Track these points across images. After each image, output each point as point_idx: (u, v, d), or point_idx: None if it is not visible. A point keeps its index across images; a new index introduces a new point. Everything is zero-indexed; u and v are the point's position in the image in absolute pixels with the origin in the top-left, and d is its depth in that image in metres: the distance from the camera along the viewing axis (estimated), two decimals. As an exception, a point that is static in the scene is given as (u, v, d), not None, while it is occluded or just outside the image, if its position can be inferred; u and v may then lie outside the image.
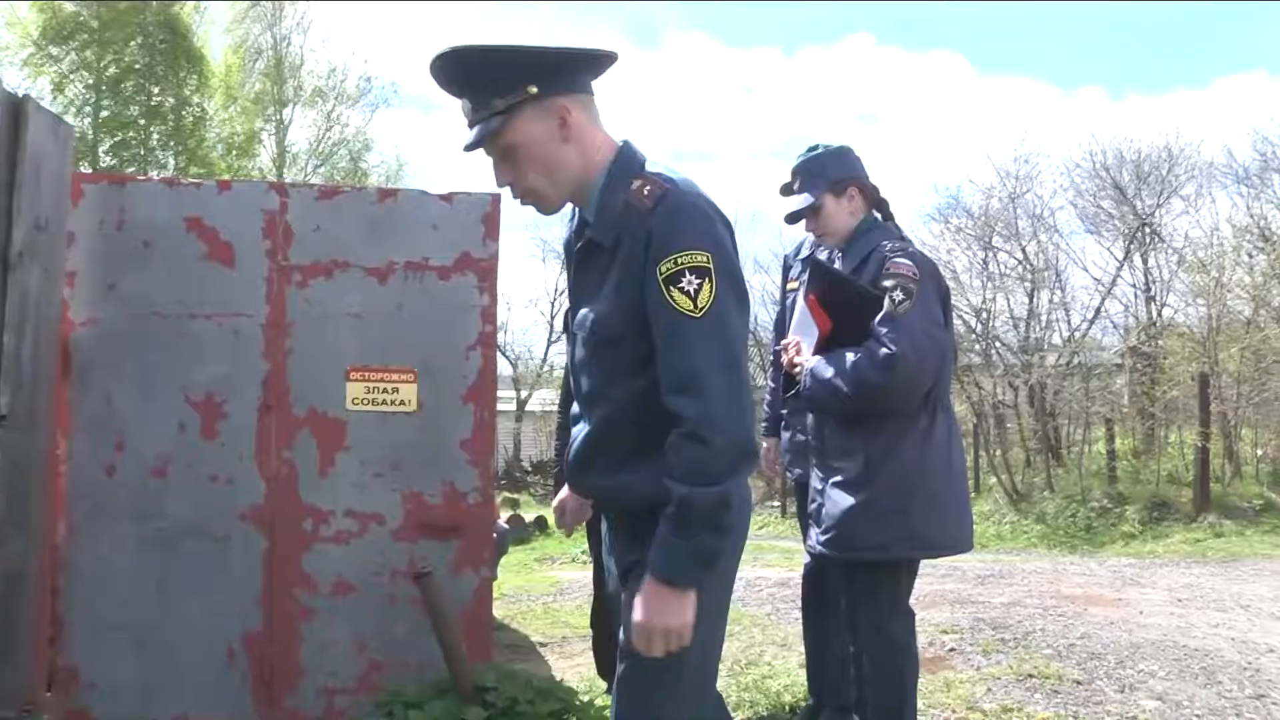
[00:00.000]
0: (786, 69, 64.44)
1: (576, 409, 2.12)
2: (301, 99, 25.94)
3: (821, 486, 3.13)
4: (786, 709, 4.12)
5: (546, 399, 28.54)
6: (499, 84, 1.89)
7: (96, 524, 3.57)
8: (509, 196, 2.04)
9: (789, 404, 3.74)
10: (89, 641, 3.55)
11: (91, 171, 17.81)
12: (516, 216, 50.00)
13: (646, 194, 1.90)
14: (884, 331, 2.92)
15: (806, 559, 3.71)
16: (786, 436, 3.91)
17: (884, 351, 2.90)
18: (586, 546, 4.88)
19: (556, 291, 32.12)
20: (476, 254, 3.75)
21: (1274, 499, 11.17)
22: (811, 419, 3.23)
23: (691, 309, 1.83)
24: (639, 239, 1.88)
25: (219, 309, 3.65)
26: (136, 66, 22.21)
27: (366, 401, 3.68)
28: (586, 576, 6.10)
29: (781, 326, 3.98)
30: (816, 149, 3.36)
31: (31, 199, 3.11)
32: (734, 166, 57.94)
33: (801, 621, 3.97)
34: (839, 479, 3.05)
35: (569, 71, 1.94)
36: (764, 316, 19.42)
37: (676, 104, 60.34)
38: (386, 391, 3.68)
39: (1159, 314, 15.05)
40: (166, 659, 3.57)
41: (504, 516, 11.72)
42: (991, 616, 5.82)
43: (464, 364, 3.73)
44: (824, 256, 3.44)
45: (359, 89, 26.51)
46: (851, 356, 2.96)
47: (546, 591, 8.31)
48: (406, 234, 3.72)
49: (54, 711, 3.39)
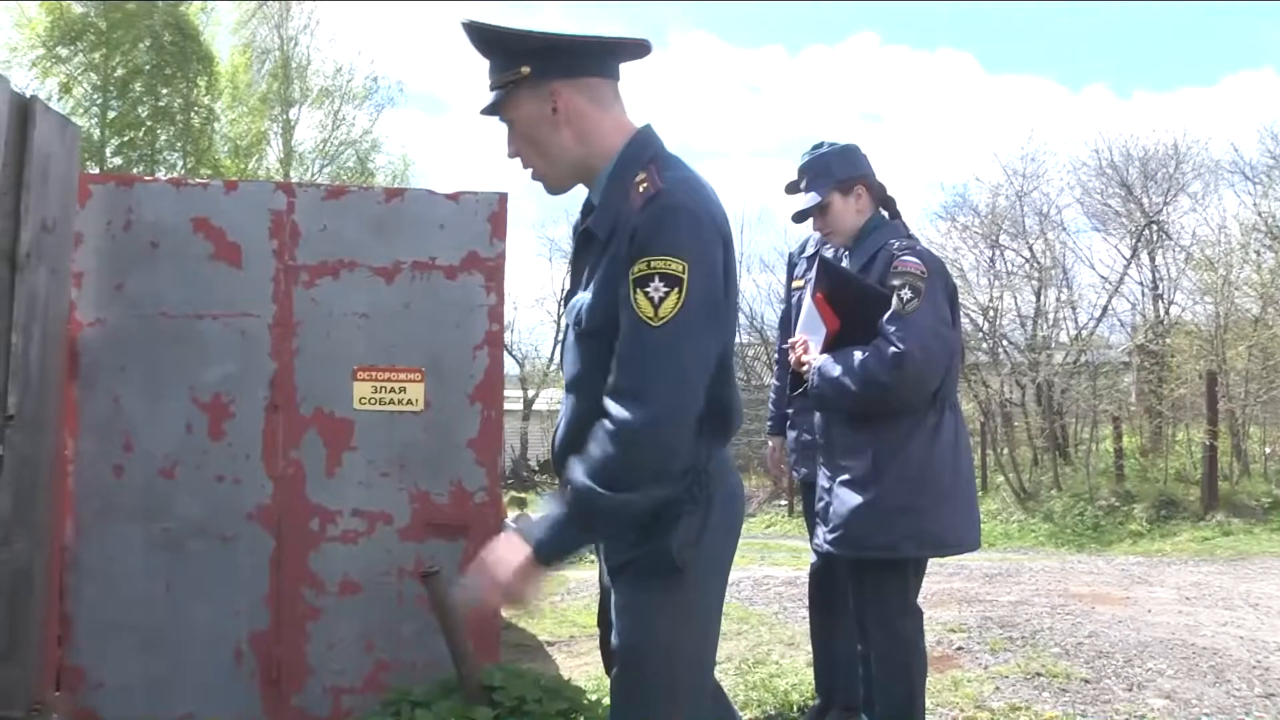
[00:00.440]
0: (791, 68, 64.40)
1: (563, 396, 2.10)
2: (308, 99, 25.97)
3: (829, 485, 3.12)
4: (794, 708, 4.11)
5: (553, 398, 28.52)
6: (499, 60, 1.94)
7: (104, 524, 3.58)
8: (543, 190, 2.03)
9: (795, 403, 3.73)
10: (97, 641, 3.56)
11: (99, 172, 17.86)
12: (523, 215, 49.98)
13: (642, 190, 1.85)
14: (892, 330, 2.92)
15: (813, 558, 3.70)
16: (792, 436, 3.89)
17: (892, 350, 2.89)
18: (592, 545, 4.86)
19: (563, 291, 32.12)
20: (483, 253, 3.75)
21: (1282, 497, 11.13)
22: (819, 417, 3.22)
23: (651, 316, 1.77)
24: (626, 236, 1.83)
25: (226, 309, 3.66)
26: (145, 68, 22.25)
27: (373, 401, 3.68)
28: (594, 575, 6.06)
29: (787, 325, 3.97)
30: (821, 147, 3.35)
31: (39, 200, 3.12)
32: (740, 165, 57.93)
33: (809, 620, 3.97)
34: (846, 477, 3.05)
35: (565, 56, 1.91)
36: (770, 315, 19.42)
37: (683, 103, 60.28)
38: (393, 391, 3.68)
39: (1166, 312, 14.99)
40: (174, 659, 3.57)
41: (511, 515, 11.71)
42: (999, 615, 5.80)
43: (471, 363, 3.73)
44: (831, 255, 3.43)
45: (365, 89, 26.54)
46: (859, 355, 2.95)
47: (553, 590, 8.31)
48: (413, 233, 3.72)
49: (62, 711, 3.40)
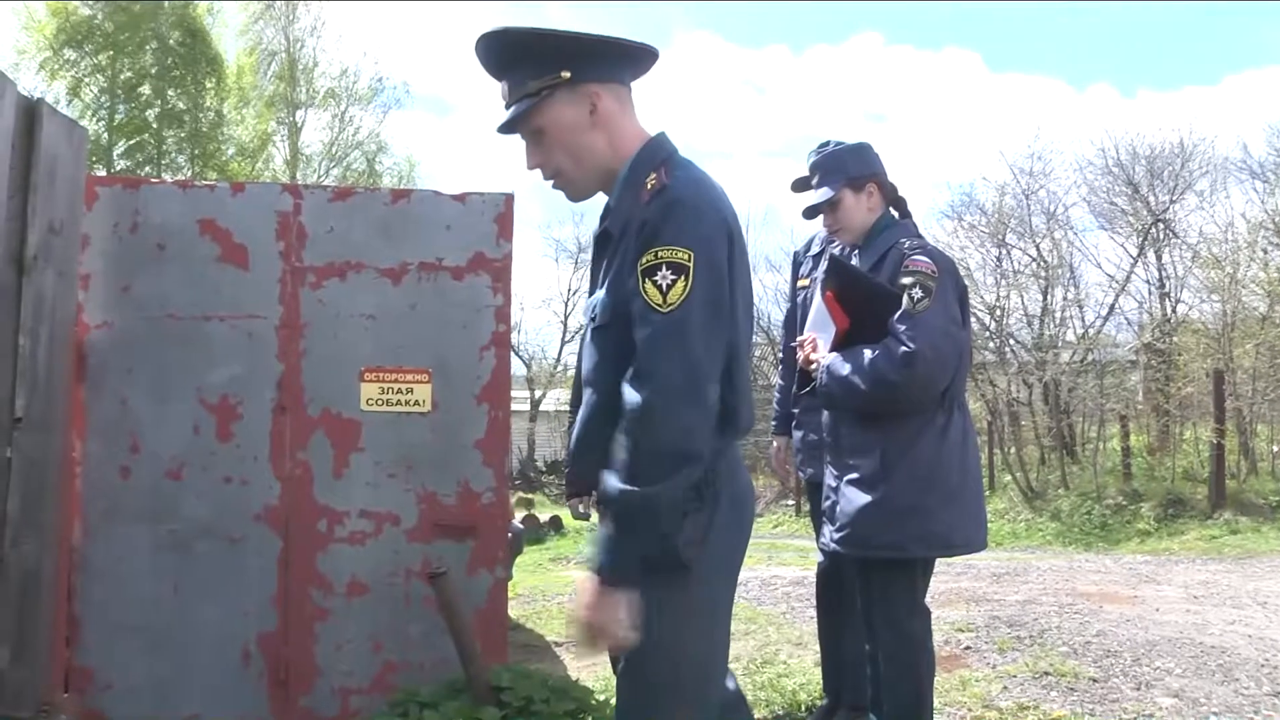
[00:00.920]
0: (796, 68, 64.38)
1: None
2: (315, 101, 26.00)
3: (836, 484, 3.12)
4: (802, 708, 4.11)
5: (560, 399, 28.54)
6: (534, 66, 1.94)
7: (112, 526, 3.59)
8: (549, 191, 2.06)
9: (802, 402, 3.72)
10: (105, 642, 3.56)
11: (106, 174, 17.90)
12: (529, 216, 50.00)
13: (650, 186, 1.92)
14: (903, 329, 2.91)
15: (820, 558, 3.70)
16: (798, 436, 3.88)
17: (903, 349, 2.88)
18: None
19: (570, 291, 32.18)
20: (490, 254, 3.75)
21: (1290, 495, 11.10)
22: (827, 416, 3.21)
23: (659, 303, 1.82)
24: (635, 230, 1.90)
25: (233, 311, 3.66)
26: (152, 70, 22.31)
27: (380, 402, 3.68)
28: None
29: (792, 324, 3.96)
30: (828, 145, 3.35)
31: (46, 202, 3.12)
32: (746, 165, 57.89)
33: (816, 620, 3.96)
34: (854, 476, 3.04)
35: (603, 60, 1.97)
36: (775, 315, 19.41)
37: (688, 104, 60.27)
38: (400, 392, 3.69)
39: (1173, 310, 14.97)
40: (182, 660, 3.58)
41: (519, 516, 11.73)
42: (1007, 614, 5.80)
43: (478, 364, 3.73)
44: (840, 253, 3.42)
45: (371, 90, 26.59)
46: (869, 354, 2.95)
47: (561, 591, 8.31)
48: (420, 234, 3.73)
49: (70, 712, 3.41)
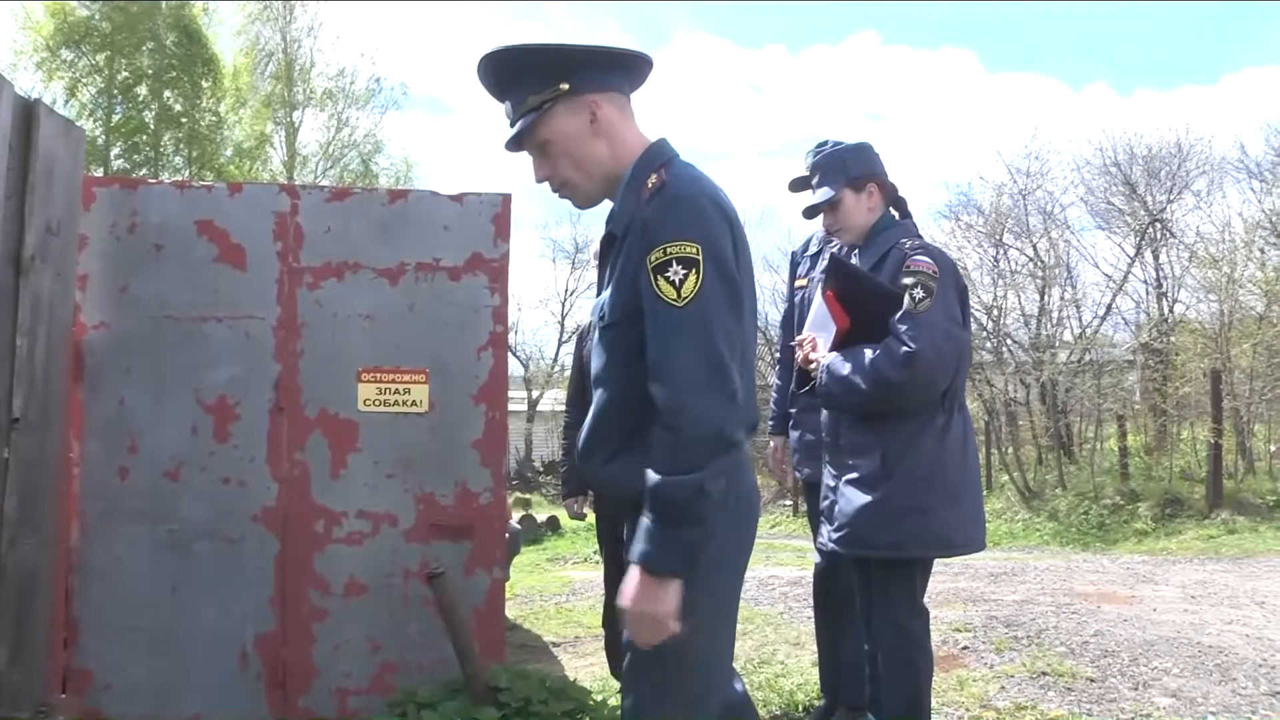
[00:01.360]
0: (794, 68, 64.46)
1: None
2: (312, 102, 25.99)
3: (834, 484, 3.12)
4: (800, 708, 4.12)
5: (558, 399, 28.49)
6: (534, 82, 2.00)
7: (110, 526, 3.59)
8: (537, 198, 2.08)
9: (799, 402, 3.73)
10: (103, 643, 3.56)
11: (103, 175, 17.88)
12: (527, 216, 50.04)
13: (650, 185, 1.97)
14: (904, 329, 2.91)
15: (818, 558, 3.70)
16: (795, 436, 3.88)
17: (903, 349, 2.88)
18: (598, 546, 4.88)
19: (567, 292, 32.18)
20: (487, 254, 3.75)
21: (1288, 495, 11.10)
22: (826, 416, 3.21)
23: (674, 298, 1.86)
24: (637, 228, 1.95)
25: (230, 311, 3.66)
26: (149, 71, 22.30)
27: (378, 403, 3.68)
28: (599, 576, 6.10)
29: (790, 324, 3.96)
30: (827, 145, 3.35)
31: (43, 203, 3.12)
32: (744, 165, 57.97)
33: (814, 620, 3.97)
34: (854, 476, 3.04)
35: (599, 69, 2.02)
36: (773, 315, 19.38)
37: (686, 104, 60.36)
38: (398, 392, 3.69)
39: (1171, 310, 14.99)
40: (180, 660, 3.58)
41: (516, 517, 11.73)
42: (1005, 614, 5.80)
43: (475, 364, 3.73)
44: (841, 253, 3.42)
45: (368, 91, 26.58)
46: (870, 353, 2.95)
47: (559, 591, 8.32)
48: (417, 235, 3.73)
49: (68, 713, 3.40)
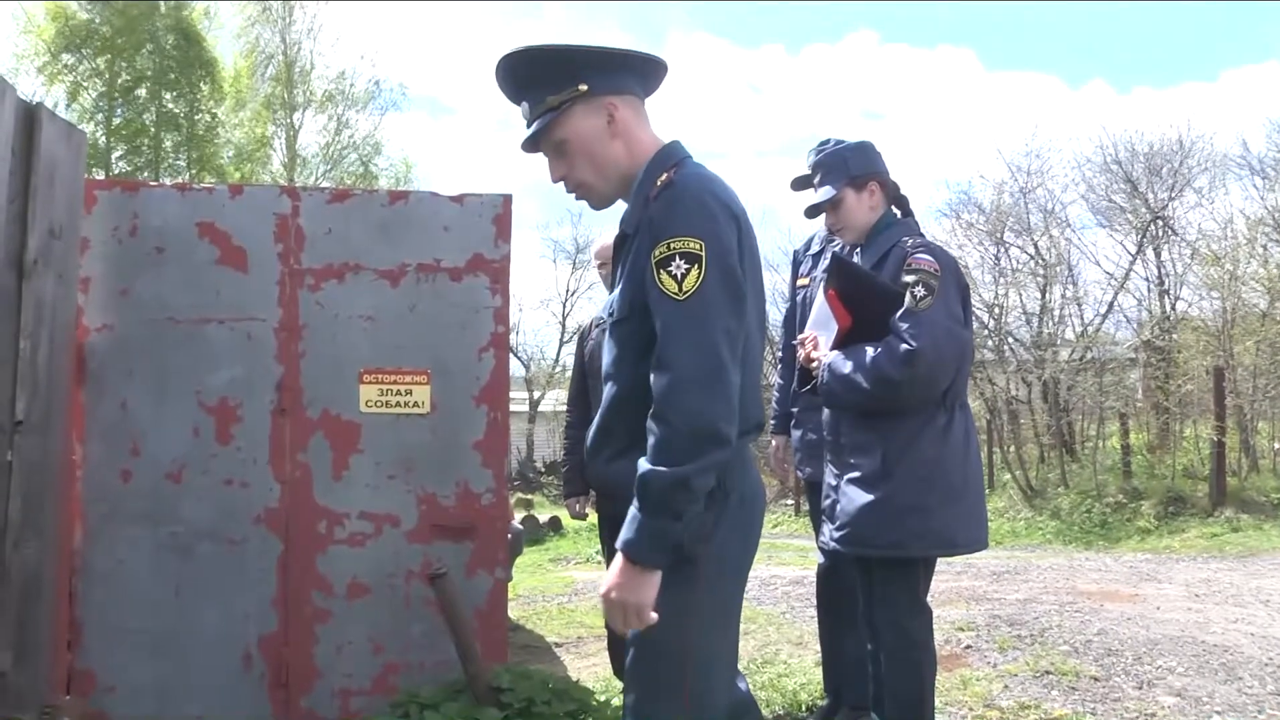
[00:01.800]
0: (792, 67, 64.51)
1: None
2: (312, 103, 25.99)
3: (836, 483, 3.12)
4: (803, 707, 4.12)
5: (559, 399, 28.48)
6: (552, 82, 2.03)
7: (112, 528, 3.59)
8: (547, 192, 2.11)
9: (801, 401, 3.72)
10: (106, 645, 3.56)
11: (105, 178, 17.90)
12: (527, 217, 50.06)
13: (659, 184, 2.00)
14: (905, 327, 2.91)
15: (820, 557, 3.69)
16: (797, 435, 3.88)
17: (904, 347, 2.88)
18: (600, 546, 4.88)
19: (568, 292, 32.20)
20: (488, 255, 3.75)
21: (1291, 493, 11.09)
22: (827, 414, 3.21)
23: (675, 292, 1.89)
24: (645, 225, 1.98)
25: (232, 313, 3.66)
26: (149, 73, 22.32)
27: (380, 404, 3.68)
28: (601, 576, 6.10)
29: (791, 323, 3.96)
30: (829, 143, 3.34)
31: (46, 206, 3.13)
32: (743, 165, 58.02)
33: (817, 619, 3.96)
34: (855, 475, 3.04)
35: (616, 71, 2.06)
36: (774, 314, 19.36)
37: (684, 104, 60.37)
38: (400, 394, 3.69)
39: (1173, 308, 14.98)
40: (183, 662, 3.58)
41: (518, 517, 11.73)
42: (1007, 613, 5.80)
43: (477, 365, 3.73)
44: (842, 252, 3.42)
45: (368, 92, 26.59)
46: (871, 351, 2.95)
47: (561, 592, 8.33)
48: (418, 236, 3.73)
49: (73, 714, 3.40)
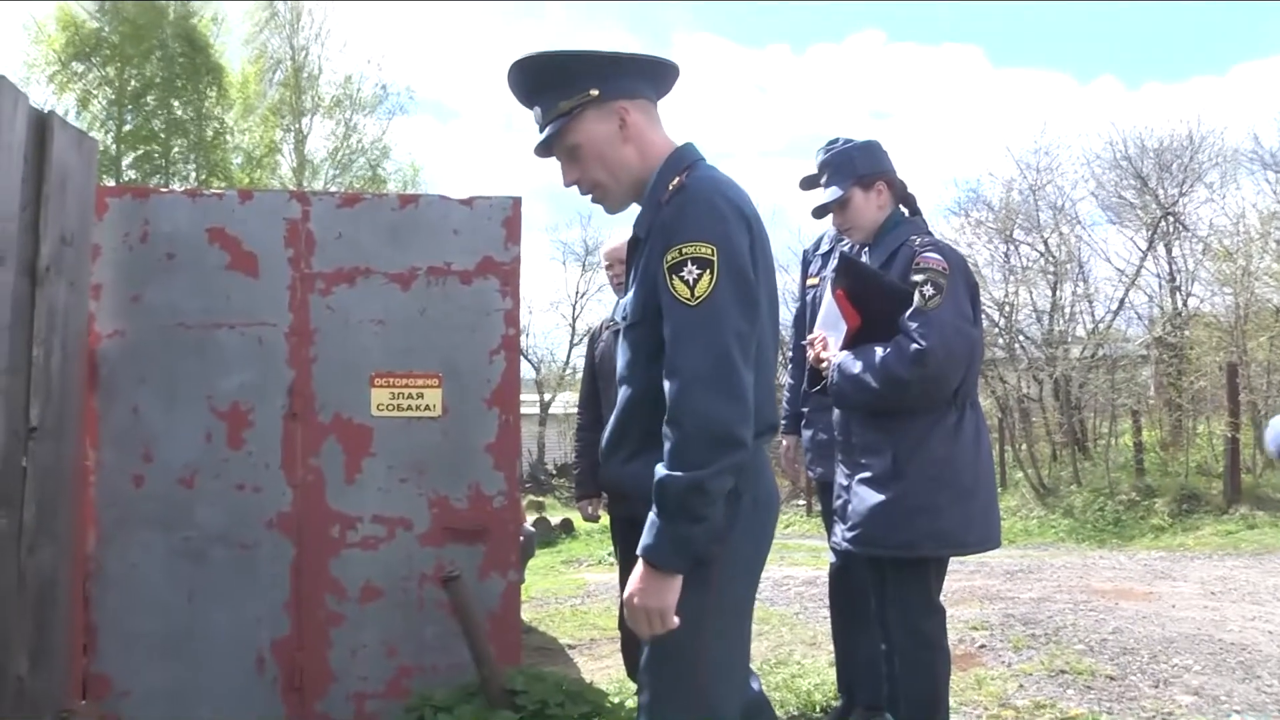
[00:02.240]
0: (797, 67, 64.41)
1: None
2: (320, 109, 26.07)
3: (847, 483, 3.11)
4: (817, 708, 4.11)
5: (570, 401, 28.50)
6: (564, 87, 2.03)
7: (126, 533, 3.60)
8: (556, 194, 2.12)
9: (812, 401, 3.72)
10: (121, 650, 3.57)
11: (115, 185, 17.96)
12: (537, 219, 50.11)
13: (671, 188, 2.00)
14: (914, 326, 2.90)
15: (833, 558, 3.69)
16: (808, 435, 3.88)
17: (914, 346, 2.88)
18: (613, 548, 4.88)
19: (578, 294, 32.18)
20: (498, 257, 3.76)
21: (1307, 489, 11.02)
22: (838, 415, 3.20)
23: (688, 297, 1.89)
24: (658, 230, 1.98)
25: (243, 318, 3.67)
26: (157, 80, 22.43)
27: (391, 407, 3.69)
28: (613, 578, 6.10)
29: (802, 323, 3.96)
30: (837, 143, 3.34)
31: (58, 214, 3.14)
32: (749, 165, 57.92)
33: (830, 620, 3.96)
34: (866, 475, 3.03)
35: (628, 75, 2.06)
36: (784, 314, 19.35)
37: (690, 105, 60.30)
38: (411, 397, 3.69)
39: (1184, 304, 14.89)
40: (197, 666, 3.59)
41: (530, 520, 11.73)
42: (1021, 612, 5.78)
43: (488, 368, 3.74)
44: (850, 251, 3.41)
45: (375, 97, 26.66)
46: (880, 351, 2.94)
47: (574, 594, 8.32)
48: (428, 239, 3.73)
49: (89, 717, 3.42)
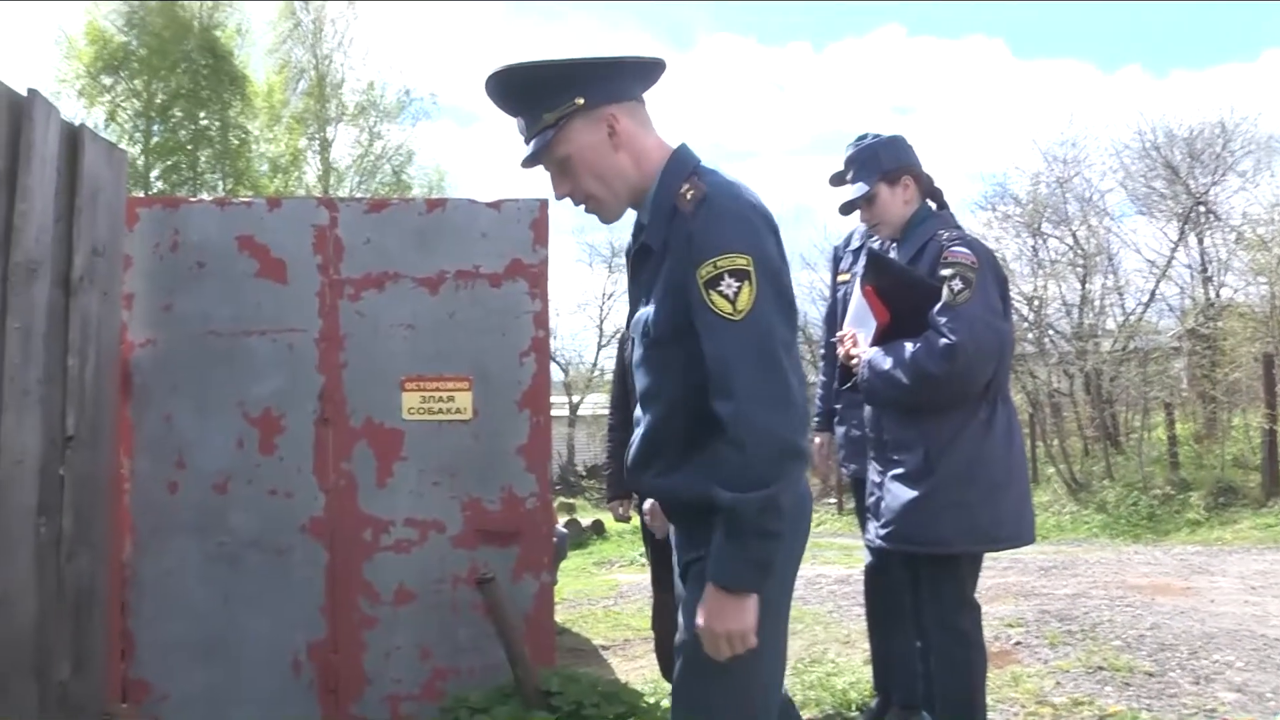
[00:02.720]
0: (818, 64, 64.17)
1: (637, 410, 2.14)
2: (344, 116, 26.22)
3: (880, 479, 3.09)
4: (853, 706, 4.08)
5: (598, 403, 28.55)
6: (547, 98, 1.93)
7: (161, 540, 3.63)
8: (569, 206, 2.06)
9: (844, 398, 3.70)
10: (158, 655, 3.61)
11: (145, 196, 18.16)
12: (563, 221, 50.18)
13: (690, 198, 1.92)
14: (943, 321, 2.88)
15: (867, 555, 3.67)
16: (841, 431, 3.86)
17: (943, 342, 2.85)
18: (644, 548, 4.87)
19: (605, 296, 32.18)
20: (527, 260, 3.76)
21: (1347, 480, 10.83)
22: (869, 411, 3.19)
23: (730, 312, 1.83)
24: (682, 243, 1.91)
25: (273, 325, 3.70)
26: (183, 92, 22.66)
27: (422, 411, 3.70)
28: (645, 579, 6.09)
29: (833, 320, 3.93)
30: (865, 138, 3.32)
31: (90, 225, 3.17)
32: (773, 164, 57.74)
33: (865, 618, 3.93)
34: (899, 471, 3.01)
35: (614, 80, 1.97)
36: (813, 313, 19.26)
37: (712, 104, 60.29)
38: (442, 400, 3.70)
39: (1217, 294, 14.69)
40: (234, 670, 3.62)
41: (561, 521, 11.75)
42: (1057, 608, 5.72)
43: (518, 370, 3.74)
44: (878, 247, 3.39)
45: (399, 103, 26.78)
46: (910, 347, 2.92)
47: (606, 595, 8.32)
48: (456, 243, 3.74)
49: (128, 723, 3.45)
